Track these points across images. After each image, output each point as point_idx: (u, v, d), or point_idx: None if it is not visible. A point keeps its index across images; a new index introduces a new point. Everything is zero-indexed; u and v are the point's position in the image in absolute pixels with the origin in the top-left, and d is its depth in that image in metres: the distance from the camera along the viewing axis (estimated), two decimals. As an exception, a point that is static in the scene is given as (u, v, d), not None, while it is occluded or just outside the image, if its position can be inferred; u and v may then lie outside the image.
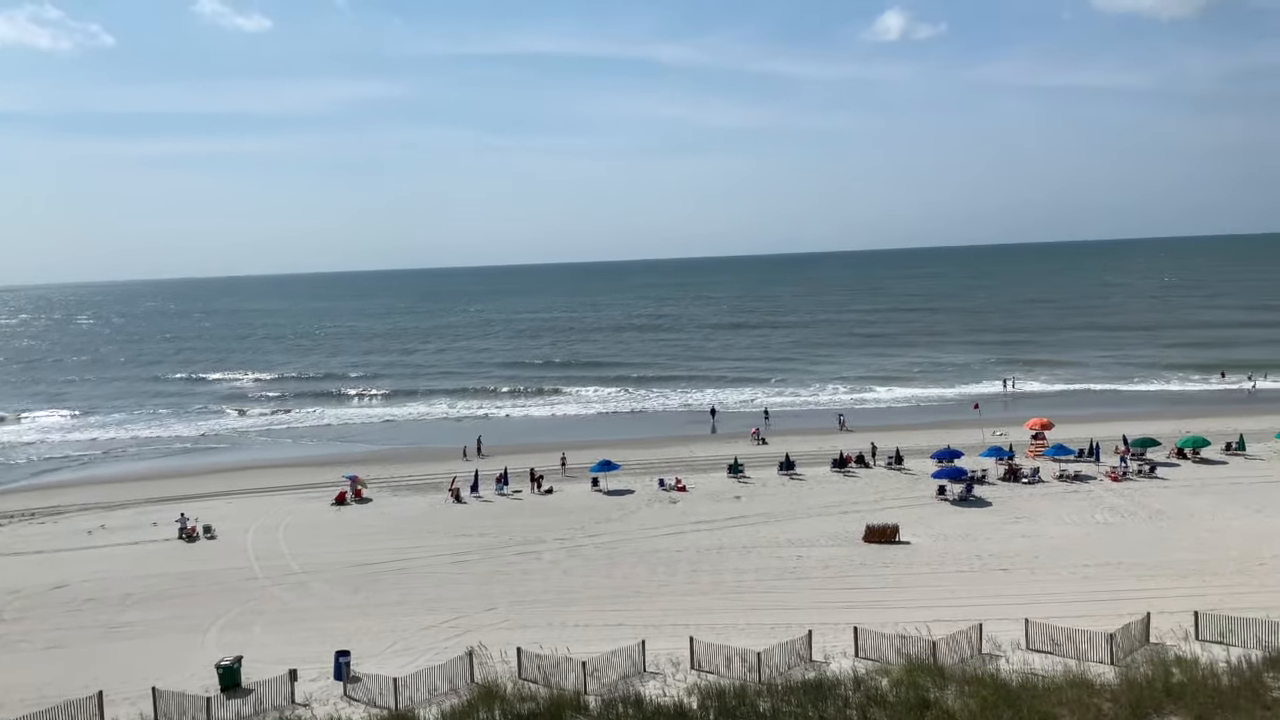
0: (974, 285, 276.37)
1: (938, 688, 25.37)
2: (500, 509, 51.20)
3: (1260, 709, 23.05)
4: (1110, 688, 24.80)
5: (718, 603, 35.05)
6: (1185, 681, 24.85)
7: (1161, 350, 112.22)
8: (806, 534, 43.65)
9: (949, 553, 40.04)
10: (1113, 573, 36.60)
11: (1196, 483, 50.36)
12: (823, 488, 52.69)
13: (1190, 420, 67.13)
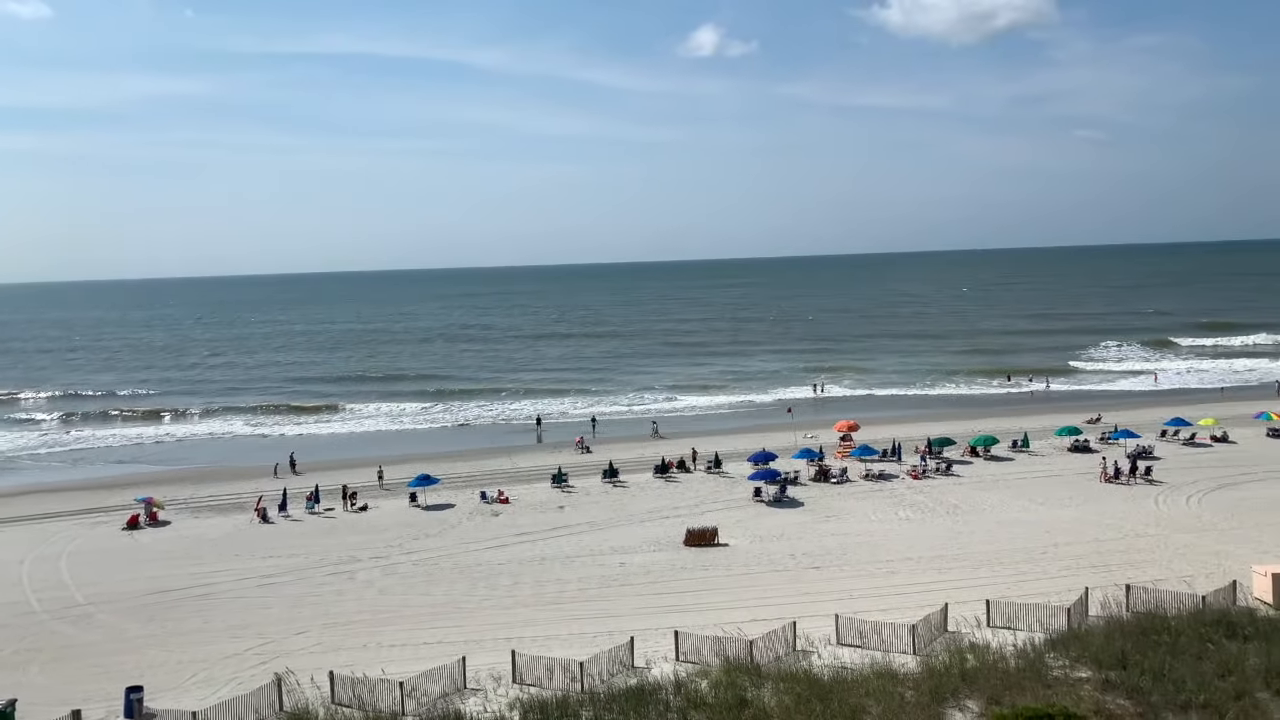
0: (784, 295, 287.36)
1: (755, 686, 25.97)
2: (311, 528, 48.91)
3: (1043, 687, 24.83)
4: (912, 676, 26.11)
5: (540, 614, 34.70)
6: (978, 666, 26.49)
7: (955, 356, 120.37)
8: (629, 541, 43.94)
9: (765, 553, 41.27)
10: (915, 566, 38.72)
11: (988, 479, 54.10)
12: (645, 494, 53.27)
13: (981, 420, 72.21)
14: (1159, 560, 38.40)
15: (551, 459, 63.19)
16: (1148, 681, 24.67)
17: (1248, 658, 26.07)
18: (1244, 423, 66.38)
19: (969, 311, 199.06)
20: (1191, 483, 51.15)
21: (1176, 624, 28.90)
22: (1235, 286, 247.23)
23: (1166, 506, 46.79)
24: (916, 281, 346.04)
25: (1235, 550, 39.03)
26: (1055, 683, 25.36)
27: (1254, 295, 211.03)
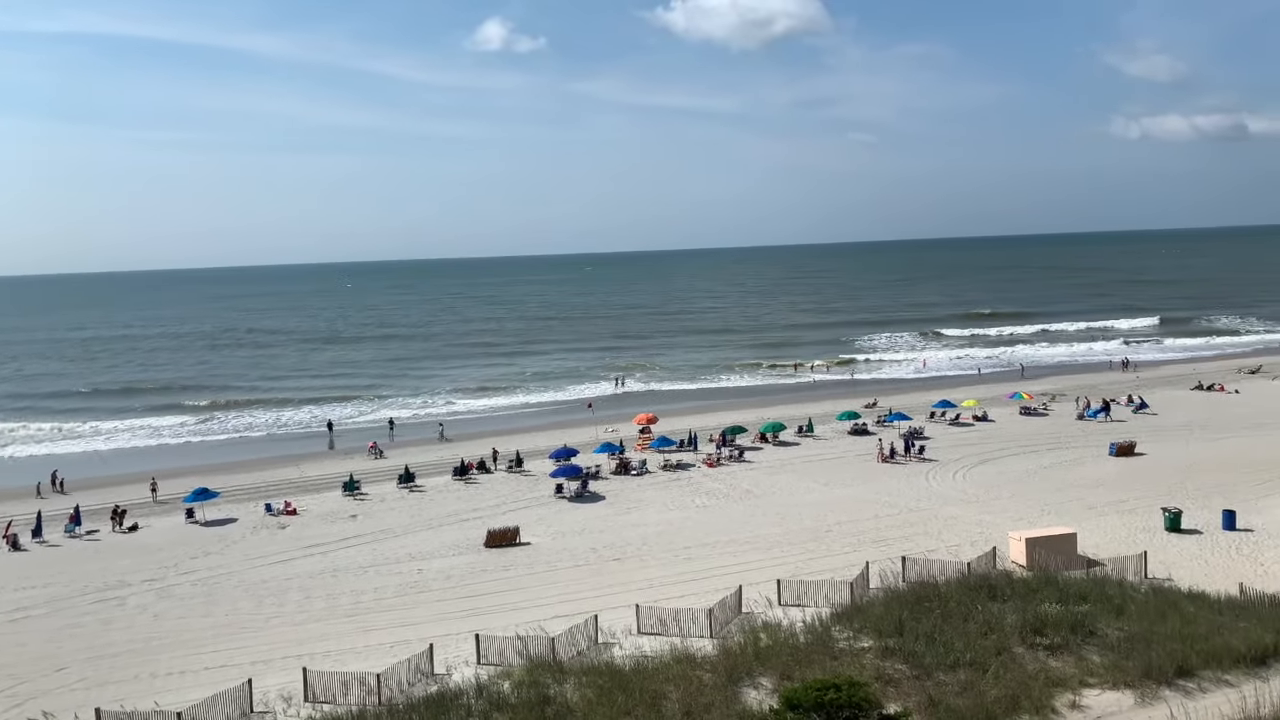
0: (581, 292, 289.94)
1: (557, 683, 25.88)
2: (72, 553, 44.68)
3: (830, 659, 26.13)
4: (710, 659, 26.82)
5: (335, 628, 33.22)
6: (771, 644, 27.55)
7: (744, 349, 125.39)
8: (427, 546, 42.85)
9: (567, 549, 41.32)
10: (711, 551, 39.88)
11: (777, 463, 56.53)
12: (444, 497, 52.12)
13: (770, 408, 75.45)
14: (931, 532, 41.36)
15: (343, 466, 60.72)
16: (922, 646, 26.44)
17: (1006, 616, 28.43)
18: (1000, 403, 72.67)
19: (757, 305, 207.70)
20: (958, 459, 55.46)
21: (946, 590, 31.12)
22: (987, 279, 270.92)
23: (936, 482, 50.49)
24: (708, 278, 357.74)
25: (995, 519, 42.63)
26: (841, 654, 26.73)
27: (1007, 286, 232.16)
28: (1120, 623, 27.83)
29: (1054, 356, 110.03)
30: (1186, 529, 39.79)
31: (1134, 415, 67.26)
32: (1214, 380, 79.55)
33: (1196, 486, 46.83)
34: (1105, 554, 36.21)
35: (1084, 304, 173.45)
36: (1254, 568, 35.04)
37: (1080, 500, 45.57)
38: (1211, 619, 27.88)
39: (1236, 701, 22.95)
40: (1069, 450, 56.88)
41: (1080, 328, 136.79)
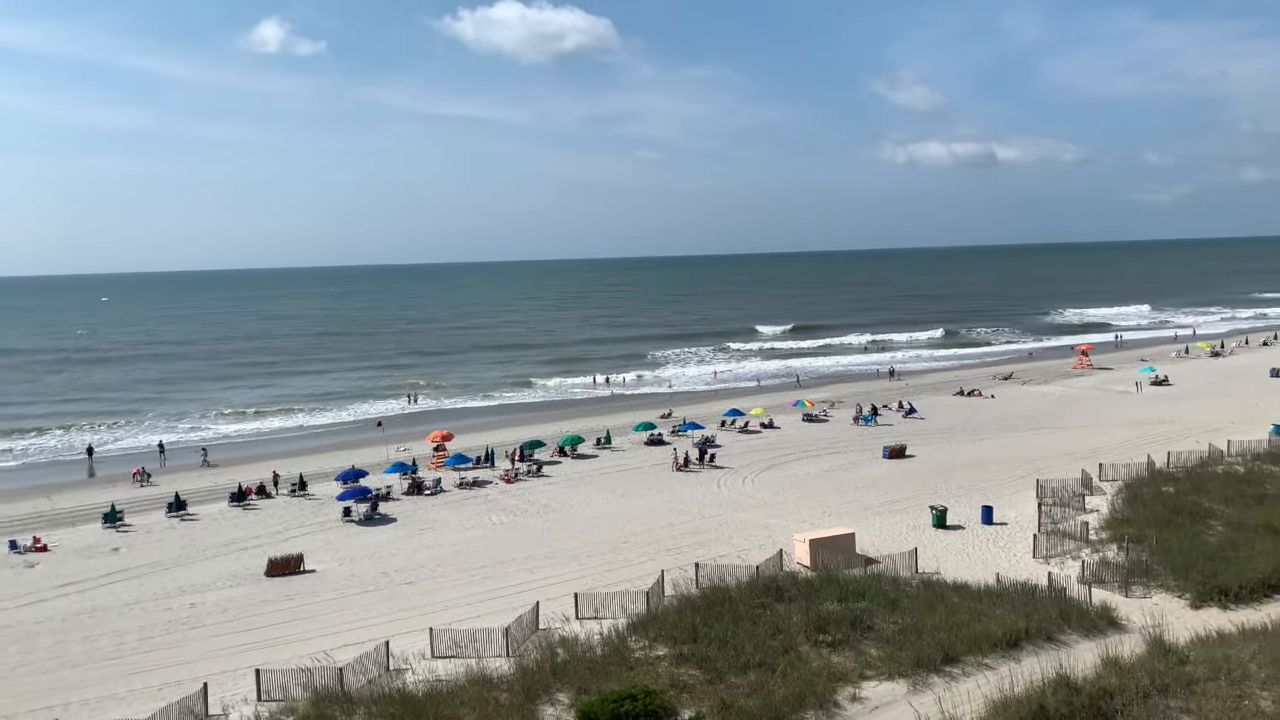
0: (369, 306, 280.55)
1: (345, 714, 24.66)
2: None
3: (626, 670, 26.28)
4: (506, 678, 26.34)
5: (93, 673, 30.22)
6: (568, 659, 27.40)
7: (542, 363, 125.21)
8: (201, 578, 39.89)
9: (356, 574, 39.59)
10: (508, 569, 39.32)
11: (575, 476, 56.63)
12: (220, 525, 48.77)
13: (568, 421, 75.61)
14: (723, 537, 42.59)
15: (104, 495, 55.64)
16: (714, 650, 27.08)
17: (792, 616, 29.61)
18: (785, 411, 76.07)
19: (553, 319, 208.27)
20: (747, 465, 57.52)
21: (736, 594, 32.06)
22: (774, 293, 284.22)
23: (728, 488, 52.12)
24: (503, 290, 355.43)
25: (781, 522, 44.44)
26: (637, 664, 26.95)
27: (792, 300, 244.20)
28: (895, 616, 29.58)
29: (831, 366, 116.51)
30: (951, 525, 42.96)
31: (904, 420, 72.13)
32: (973, 386, 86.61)
33: (959, 484, 50.68)
34: (881, 551, 38.50)
35: (864, 316, 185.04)
36: (1008, 558, 38.23)
37: (858, 501, 48.29)
38: (973, 608, 30.11)
39: (995, 682, 24.83)
40: (847, 454, 60.23)
41: (863, 339, 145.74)
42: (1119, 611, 30.69)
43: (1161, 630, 27.71)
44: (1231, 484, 44.91)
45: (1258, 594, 32.06)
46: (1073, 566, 35.89)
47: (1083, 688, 23.41)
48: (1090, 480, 47.89)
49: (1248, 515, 39.60)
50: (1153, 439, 59.91)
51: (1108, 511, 42.35)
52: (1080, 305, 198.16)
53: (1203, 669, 24.29)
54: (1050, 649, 27.57)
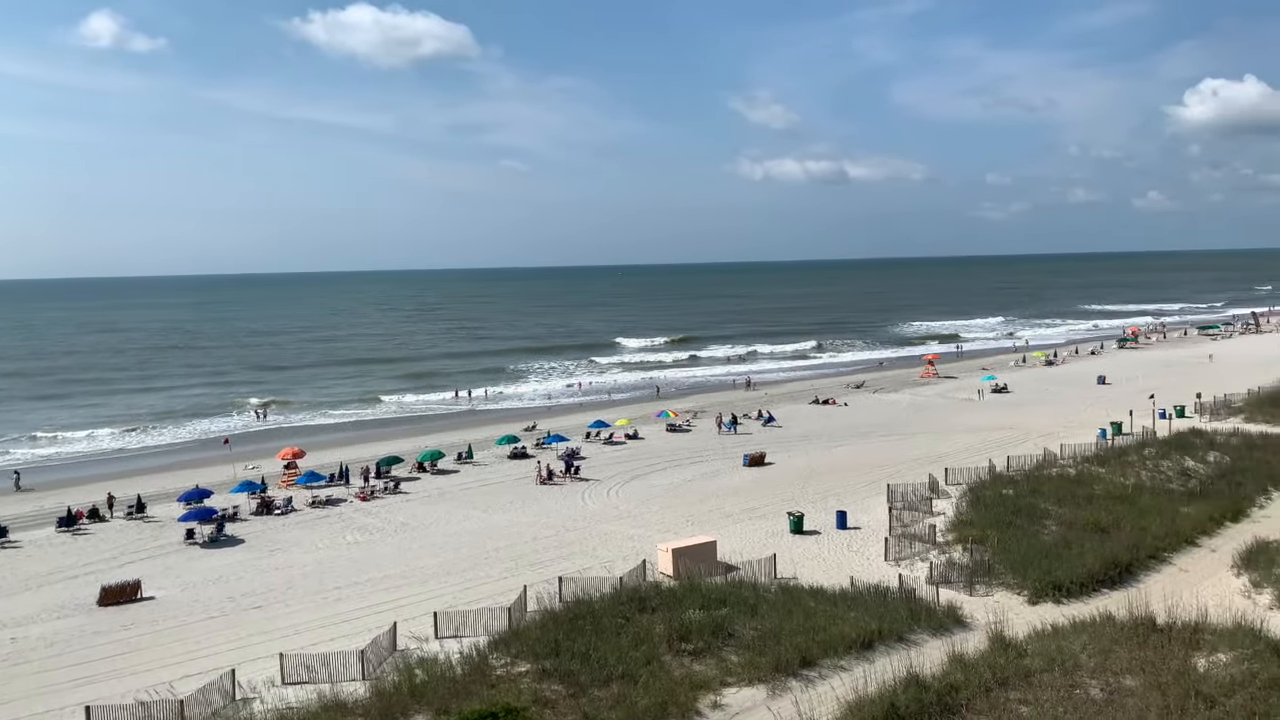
0: (218, 317, 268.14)
1: (186, 751, 23.21)
2: None
3: (487, 688, 25.74)
4: (362, 703, 25.39)
5: (-107, 721, 27.51)
6: (427, 679, 26.64)
7: (399, 378, 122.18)
8: (24, 610, 36.95)
9: (199, 600, 37.48)
10: (364, 590, 38.01)
11: (435, 492, 55.38)
12: (46, 552, 45.36)
13: (427, 436, 74.02)
14: (587, 550, 42.41)
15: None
16: (577, 664, 26.83)
17: (655, 626, 29.68)
18: (649, 421, 76.64)
19: (413, 331, 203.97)
20: (612, 476, 57.58)
21: (600, 606, 31.90)
22: (639, 307, 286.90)
23: (592, 500, 52.00)
24: (360, 301, 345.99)
25: (645, 532, 44.61)
26: (499, 681, 26.44)
27: (649, 315, 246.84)
28: (754, 622, 30.04)
29: (691, 377, 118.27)
30: (808, 530, 44.07)
31: (763, 429, 73.79)
32: (828, 395, 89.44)
33: (816, 491, 52.12)
34: (741, 558, 39.08)
35: (728, 329, 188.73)
36: (862, 561, 39.48)
37: (719, 509, 49.00)
38: (829, 611, 30.90)
39: (850, 683, 25.50)
40: (709, 463, 61.11)
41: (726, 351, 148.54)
42: (964, 610, 32.07)
43: (1002, 626, 29.08)
44: (1064, 485, 47.73)
45: (1087, 588, 34.13)
46: (921, 568, 37.36)
47: (931, 685, 24.31)
48: (937, 484, 50.05)
49: (1078, 515, 42.16)
50: (994, 444, 63.16)
51: (953, 514, 44.30)
52: (927, 317, 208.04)
53: (1039, 661, 25.62)
54: (901, 648, 28.53)
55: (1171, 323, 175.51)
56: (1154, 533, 39.54)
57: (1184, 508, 43.79)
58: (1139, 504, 43.96)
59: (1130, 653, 25.38)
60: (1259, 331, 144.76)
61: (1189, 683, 22.97)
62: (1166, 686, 22.87)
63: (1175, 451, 54.53)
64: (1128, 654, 25.33)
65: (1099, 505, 43.57)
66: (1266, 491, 47.35)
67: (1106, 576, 35.16)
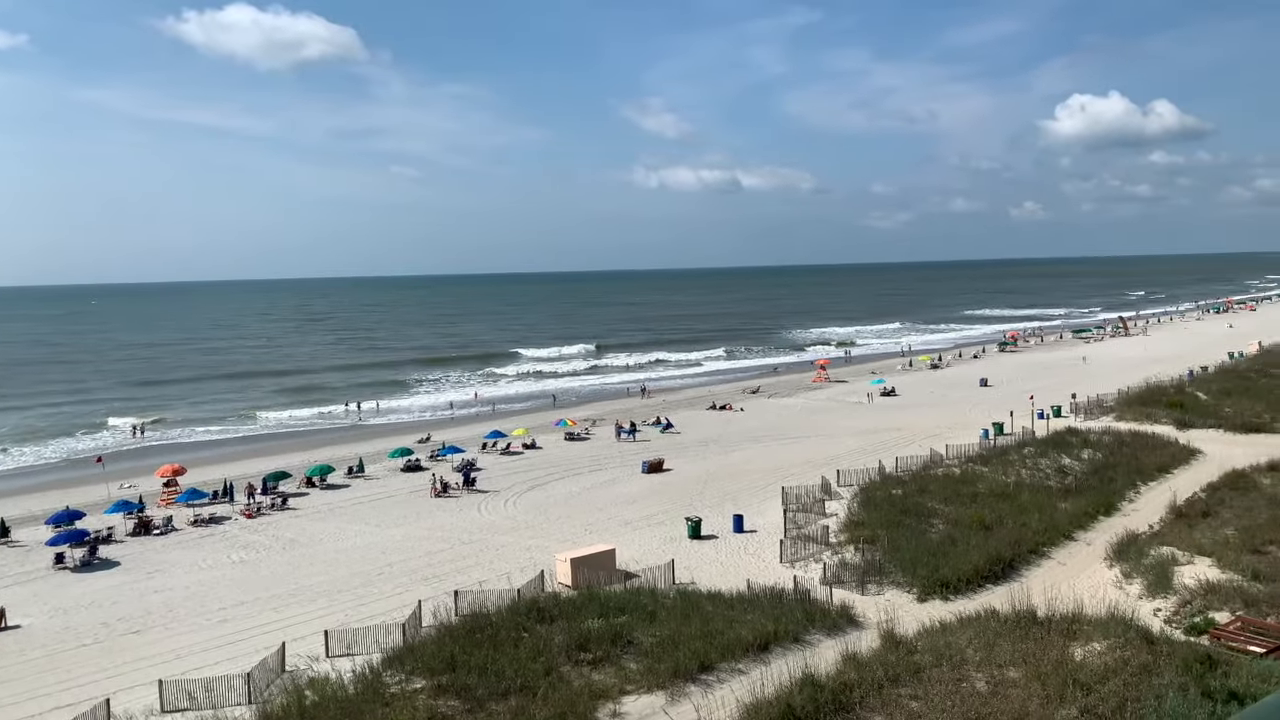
0: (87, 329, 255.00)
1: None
2: None
3: (381, 706, 25.05)
4: (248, 729, 24.41)
5: None
6: (318, 700, 25.76)
7: (286, 391, 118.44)
8: (-127, 646, 34.32)
9: (71, 627, 35.50)
10: (250, 610, 36.61)
11: (325, 508, 53.79)
12: (-101, 583, 42.29)
13: (317, 450, 71.90)
14: (484, 562, 41.80)
15: None
16: (474, 678, 26.36)
17: (554, 636, 29.40)
18: (547, 430, 76.17)
19: (299, 342, 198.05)
20: (509, 487, 56.96)
21: (497, 619, 31.47)
22: (536, 315, 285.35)
23: (489, 512, 51.32)
24: (240, 312, 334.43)
25: (544, 543, 44.25)
26: (394, 699, 25.74)
27: (548, 324, 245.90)
28: (653, 629, 30.05)
29: (587, 386, 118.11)
30: (706, 535, 44.43)
31: (662, 435, 74.17)
32: (725, 401, 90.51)
33: (713, 495, 52.60)
34: (640, 565, 39.15)
35: (627, 337, 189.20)
36: (758, 564, 39.99)
37: (618, 517, 48.98)
38: (727, 615, 31.16)
39: (747, 686, 25.74)
40: (608, 471, 61.06)
41: (625, 360, 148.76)
42: (857, 609, 32.79)
43: (893, 624, 29.83)
44: (950, 485, 49.35)
45: (972, 584, 35.32)
46: (816, 569, 38.06)
47: (826, 684, 24.71)
48: (830, 486, 51.13)
49: (964, 513, 43.63)
50: (883, 445, 64.91)
51: (845, 515, 45.31)
52: (819, 323, 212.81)
53: (928, 657, 26.33)
54: (797, 650, 28.96)
55: (1048, 327, 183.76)
56: (1034, 528, 41.22)
57: (1061, 503, 45.78)
58: (1020, 501, 45.76)
59: (1013, 645, 26.31)
60: (1127, 335, 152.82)
61: (1067, 672, 23.92)
62: (1046, 676, 23.76)
63: (1052, 450, 56.99)
64: (1011, 647, 26.24)
65: (983, 503, 45.18)
66: (1135, 486, 49.89)
67: (990, 572, 36.47)
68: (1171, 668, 24.05)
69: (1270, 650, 26.95)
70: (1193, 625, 30.20)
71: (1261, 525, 40.11)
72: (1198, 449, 58.09)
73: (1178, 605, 32.10)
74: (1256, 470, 50.72)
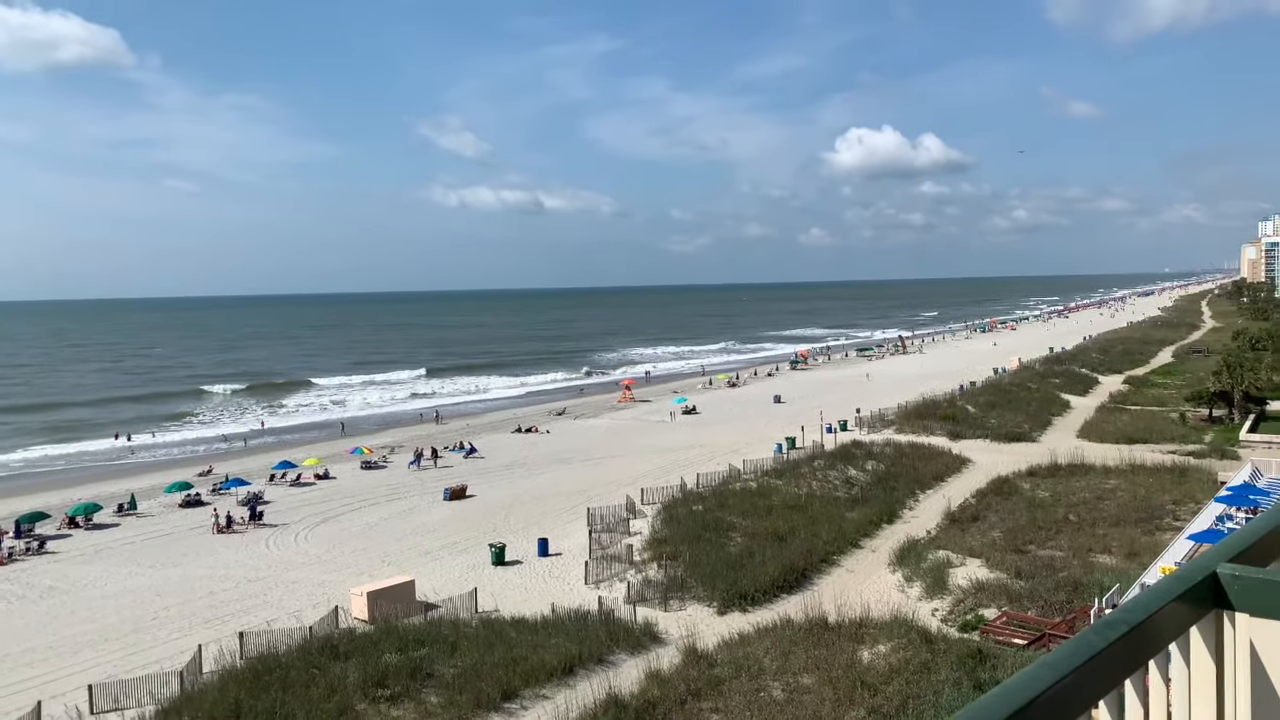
0: None
1: None
2: None
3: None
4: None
5: None
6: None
7: (38, 426, 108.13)
8: None
9: None
10: (0, 667, 32.86)
11: (90, 550, 49.21)
12: None
13: (80, 487, 65.79)
14: (272, 601, 39.38)
15: None
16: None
17: (349, 674, 28.03)
18: (342, 459, 73.06)
19: (59, 369, 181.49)
20: (300, 520, 54.08)
21: (287, 659, 29.71)
22: (321, 336, 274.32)
23: (277, 548, 48.50)
24: None
25: (338, 577, 42.21)
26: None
27: (342, 349, 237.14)
28: (455, 660, 29.23)
29: (384, 412, 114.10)
30: (510, 560, 43.78)
31: (465, 460, 72.73)
32: (530, 423, 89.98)
33: (518, 520, 51.97)
34: (442, 595, 38.03)
35: (428, 360, 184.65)
36: (563, 587, 39.75)
37: (418, 546, 47.49)
38: (531, 640, 30.76)
39: (552, 711, 25.43)
40: (407, 499, 59.19)
41: (424, 385, 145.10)
42: (660, 626, 33.16)
43: (694, 639, 30.36)
44: (747, 498, 50.99)
45: (769, 594, 36.53)
46: (620, 588, 38.25)
47: (629, 703, 24.77)
48: (634, 505, 51.66)
49: (760, 525, 45.16)
50: (686, 462, 66.34)
51: (649, 533, 45.87)
52: (624, 345, 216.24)
53: (728, 669, 26.92)
54: (601, 671, 28.91)
55: (835, 346, 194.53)
56: (824, 538, 43.19)
57: (849, 513, 48.25)
58: (811, 512, 47.85)
59: (807, 652, 27.33)
60: (905, 353, 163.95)
61: (855, 674, 25.08)
62: (837, 680, 24.80)
63: (840, 462, 60.07)
64: (804, 654, 27.26)
65: (778, 515, 46.92)
66: (914, 494, 53.32)
67: (785, 582, 37.84)
68: (947, 664, 25.67)
69: (1032, 642, 29.31)
70: (965, 623, 32.42)
71: (1023, 527, 43.80)
72: (968, 458, 62.82)
73: (953, 604, 34.40)
74: (1018, 476, 55.46)
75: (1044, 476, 55.63)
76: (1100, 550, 40.49)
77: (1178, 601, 1.90)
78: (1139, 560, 37.61)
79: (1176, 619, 1.92)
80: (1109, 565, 38.11)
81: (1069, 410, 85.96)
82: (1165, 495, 49.66)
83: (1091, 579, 35.57)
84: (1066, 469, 57.23)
